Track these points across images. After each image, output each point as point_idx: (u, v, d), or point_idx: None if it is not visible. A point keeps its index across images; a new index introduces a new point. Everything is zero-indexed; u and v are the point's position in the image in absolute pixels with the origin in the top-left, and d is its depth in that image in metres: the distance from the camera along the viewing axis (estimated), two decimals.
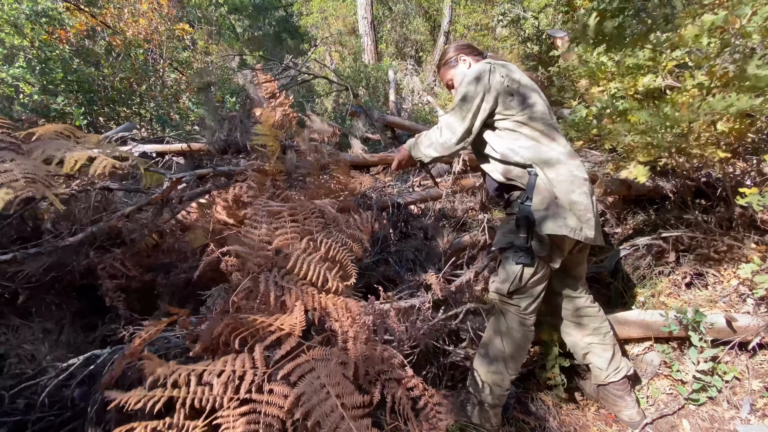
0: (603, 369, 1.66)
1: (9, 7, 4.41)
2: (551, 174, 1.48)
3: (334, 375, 0.96)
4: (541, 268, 1.51)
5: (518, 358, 1.59)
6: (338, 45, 9.73)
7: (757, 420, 1.62)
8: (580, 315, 1.69)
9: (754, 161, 2.24)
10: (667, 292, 2.16)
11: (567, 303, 1.70)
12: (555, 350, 1.82)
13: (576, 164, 1.53)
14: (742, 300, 1.95)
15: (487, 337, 1.63)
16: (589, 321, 1.68)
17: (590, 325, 1.68)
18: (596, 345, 1.67)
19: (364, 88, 6.56)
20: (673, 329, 1.79)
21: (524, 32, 5.06)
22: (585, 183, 1.51)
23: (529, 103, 1.53)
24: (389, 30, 9.72)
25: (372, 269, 2.22)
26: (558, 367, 1.80)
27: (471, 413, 1.59)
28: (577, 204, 1.46)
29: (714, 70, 1.77)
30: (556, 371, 1.80)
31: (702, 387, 1.72)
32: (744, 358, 1.78)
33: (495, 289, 1.58)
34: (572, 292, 1.69)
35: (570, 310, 1.70)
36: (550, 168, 1.48)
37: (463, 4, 8.98)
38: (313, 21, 10.52)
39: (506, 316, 1.58)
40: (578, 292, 1.70)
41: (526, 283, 1.50)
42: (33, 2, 4.46)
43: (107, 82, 4.56)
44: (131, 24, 5.10)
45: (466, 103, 1.55)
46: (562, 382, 1.80)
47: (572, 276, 1.69)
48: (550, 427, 1.66)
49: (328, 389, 0.92)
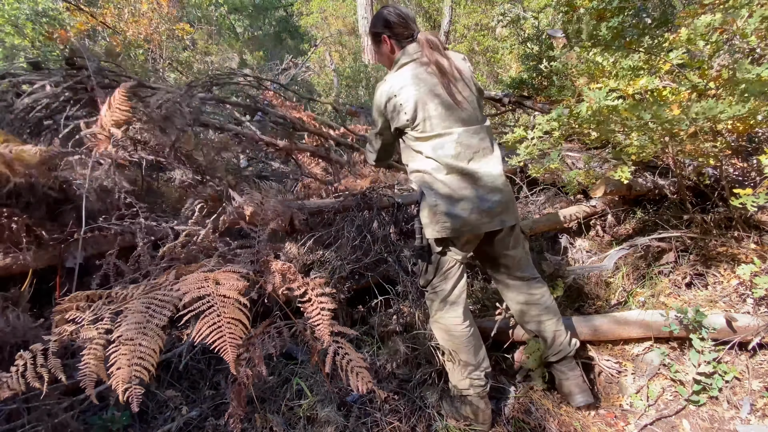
0: (544, 350, 1.76)
1: (10, 6, 4.41)
2: (438, 175, 1.52)
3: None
4: (443, 263, 1.59)
5: (461, 351, 1.62)
6: (338, 45, 9.73)
7: (757, 420, 1.62)
8: (522, 302, 1.72)
9: (754, 161, 2.24)
10: (667, 292, 2.16)
11: (510, 291, 1.73)
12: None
13: (460, 166, 1.49)
14: (742, 300, 1.95)
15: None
16: (529, 308, 1.72)
17: (530, 312, 1.72)
18: (537, 327, 1.73)
19: (364, 87, 6.55)
20: (673, 329, 1.79)
21: (524, 32, 5.06)
22: (469, 177, 1.50)
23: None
24: None
25: (372, 269, 2.22)
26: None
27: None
28: (452, 204, 1.50)
29: (707, 72, 1.78)
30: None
31: (702, 387, 1.72)
32: (744, 358, 1.78)
33: (418, 283, 1.72)
34: (510, 282, 1.72)
35: (516, 298, 1.73)
36: (435, 170, 1.52)
37: (463, 4, 8.98)
38: (313, 21, 10.51)
39: (431, 309, 1.68)
40: (515, 282, 1.71)
41: (432, 277, 1.62)
42: (33, 2, 4.46)
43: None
44: (131, 24, 5.10)
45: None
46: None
47: (503, 265, 1.70)
48: (549, 428, 1.66)
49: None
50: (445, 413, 1.68)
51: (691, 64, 1.85)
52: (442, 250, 1.59)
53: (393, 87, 1.50)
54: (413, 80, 1.49)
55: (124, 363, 1.06)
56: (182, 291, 1.21)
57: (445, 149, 1.49)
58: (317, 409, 1.69)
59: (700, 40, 1.73)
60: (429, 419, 1.66)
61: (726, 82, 1.72)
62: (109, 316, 1.19)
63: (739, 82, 1.57)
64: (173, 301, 1.19)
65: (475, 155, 1.52)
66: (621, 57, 1.98)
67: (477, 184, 1.51)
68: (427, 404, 1.71)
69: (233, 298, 1.20)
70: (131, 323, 1.13)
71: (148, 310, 1.17)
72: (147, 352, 1.09)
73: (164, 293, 1.23)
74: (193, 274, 1.30)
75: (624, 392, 1.84)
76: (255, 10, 11.60)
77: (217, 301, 1.18)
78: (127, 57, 4.80)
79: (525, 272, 1.71)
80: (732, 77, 1.64)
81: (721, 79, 1.75)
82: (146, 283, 1.33)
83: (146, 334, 1.11)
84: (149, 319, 1.14)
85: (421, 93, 1.48)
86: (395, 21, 1.54)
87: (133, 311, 1.16)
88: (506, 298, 1.78)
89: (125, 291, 1.29)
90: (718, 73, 1.76)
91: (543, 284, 1.74)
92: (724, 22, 1.63)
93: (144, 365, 1.07)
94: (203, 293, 1.19)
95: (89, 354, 1.12)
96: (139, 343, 1.09)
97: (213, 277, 1.27)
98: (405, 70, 1.52)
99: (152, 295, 1.22)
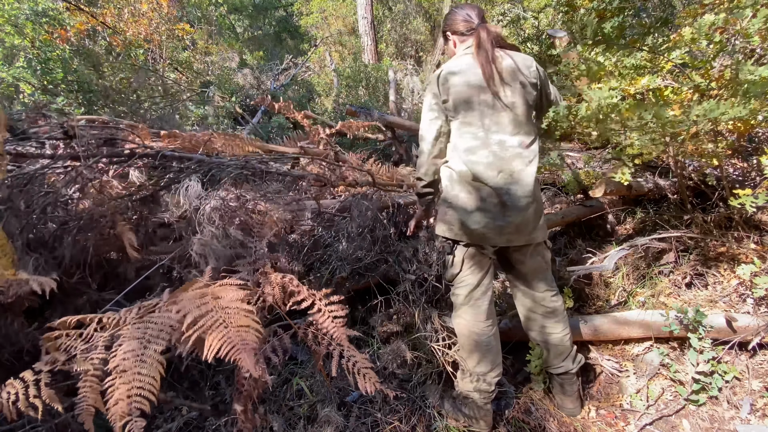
0: (546, 358, 1.75)
1: (10, 6, 4.41)
2: (451, 175, 1.55)
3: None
4: (470, 257, 1.59)
5: (479, 349, 1.61)
6: (338, 45, 9.73)
7: (757, 420, 1.62)
8: (533, 311, 1.70)
9: (754, 161, 2.24)
10: (667, 292, 2.16)
11: (522, 297, 1.72)
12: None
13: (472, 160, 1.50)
14: (742, 300, 1.95)
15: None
16: (539, 318, 1.69)
17: (538, 321, 1.70)
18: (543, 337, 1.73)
19: (364, 87, 6.55)
20: (673, 329, 1.79)
21: (524, 32, 5.06)
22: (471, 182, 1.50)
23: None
24: (389, 30, 9.71)
25: (372, 269, 2.22)
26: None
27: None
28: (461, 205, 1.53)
29: (710, 72, 1.77)
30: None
31: (702, 387, 1.72)
32: (744, 358, 1.79)
33: (444, 278, 1.73)
34: (524, 288, 1.70)
35: (525, 305, 1.72)
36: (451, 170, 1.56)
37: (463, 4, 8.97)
38: (313, 21, 10.51)
39: (455, 304, 1.68)
40: (528, 290, 1.68)
41: (458, 270, 1.61)
42: (33, 2, 4.46)
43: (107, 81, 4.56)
44: (131, 24, 5.10)
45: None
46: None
47: (520, 272, 1.67)
48: (549, 428, 1.67)
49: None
50: (445, 413, 1.68)
51: (694, 64, 1.84)
52: (468, 245, 1.59)
53: (442, 71, 1.54)
54: (459, 71, 1.52)
55: (122, 395, 1.01)
56: (181, 313, 1.15)
57: (477, 155, 1.49)
58: (317, 409, 1.69)
59: (703, 40, 1.72)
60: (429, 419, 1.66)
61: (728, 82, 1.72)
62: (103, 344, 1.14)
63: (742, 83, 1.56)
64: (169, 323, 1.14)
65: (505, 167, 1.48)
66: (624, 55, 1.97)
67: (496, 200, 1.49)
68: (427, 404, 1.71)
69: (237, 307, 1.16)
70: (127, 352, 1.08)
71: (144, 336, 1.12)
72: (147, 381, 1.04)
73: (160, 316, 1.18)
74: (188, 293, 1.25)
75: (624, 392, 1.84)
76: (255, 10, 11.60)
77: (221, 314, 1.14)
78: (127, 57, 4.80)
79: (542, 283, 1.66)
80: (734, 77, 1.64)
81: (723, 79, 1.75)
82: (139, 306, 1.27)
83: (144, 361, 1.06)
84: (146, 345, 1.10)
85: (462, 84, 1.50)
86: (459, 20, 1.60)
87: (128, 338, 1.11)
88: (518, 302, 1.76)
89: (118, 316, 1.23)
90: (721, 73, 1.75)
91: (559, 298, 1.69)
92: (727, 21, 1.63)
93: (144, 395, 1.02)
94: (204, 310, 1.15)
95: (85, 387, 1.08)
96: (138, 373, 1.05)
97: (210, 292, 1.23)
98: (457, 59, 1.57)
99: (147, 320, 1.17)
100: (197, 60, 6.39)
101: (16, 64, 4.34)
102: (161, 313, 1.19)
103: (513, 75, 1.51)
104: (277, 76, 7.72)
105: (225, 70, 6.66)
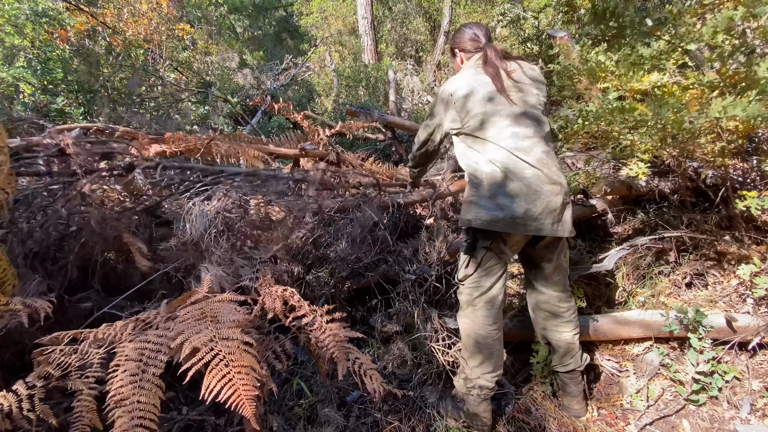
0: (553, 357, 1.76)
1: (10, 6, 4.41)
2: (486, 168, 1.55)
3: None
4: (487, 260, 1.57)
5: (482, 351, 1.61)
6: (338, 45, 9.73)
7: (757, 420, 1.62)
8: (545, 310, 1.72)
9: (755, 162, 2.23)
10: (667, 292, 2.16)
11: (538, 296, 1.72)
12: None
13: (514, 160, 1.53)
14: (742, 300, 1.95)
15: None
16: (551, 317, 1.71)
17: (550, 320, 1.71)
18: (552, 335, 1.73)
19: (364, 87, 6.55)
20: (673, 329, 1.79)
21: (524, 32, 5.06)
22: (520, 178, 1.52)
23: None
24: (389, 30, 9.71)
25: (372, 269, 2.22)
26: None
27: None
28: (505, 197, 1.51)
29: (725, 69, 1.74)
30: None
31: (702, 387, 1.72)
32: (744, 358, 1.78)
33: (456, 276, 1.71)
34: (542, 288, 1.71)
35: (541, 304, 1.72)
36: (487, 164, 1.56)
37: (463, 4, 8.97)
38: (313, 21, 10.50)
39: (462, 306, 1.67)
40: (548, 290, 1.69)
41: (473, 271, 1.60)
42: (33, 2, 4.46)
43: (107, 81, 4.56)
44: (131, 24, 5.10)
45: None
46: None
47: (542, 270, 1.68)
48: (549, 428, 1.66)
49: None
50: (444, 412, 1.68)
51: (711, 59, 1.80)
52: (490, 244, 1.57)
53: (451, 82, 1.66)
54: (470, 79, 1.62)
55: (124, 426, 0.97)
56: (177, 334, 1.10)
57: (499, 144, 1.54)
58: (317, 409, 1.69)
59: (720, 35, 1.68)
60: (429, 419, 1.66)
61: (743, 79, 1.69)
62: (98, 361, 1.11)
63: (759, 80, 1.54)
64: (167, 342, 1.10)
65: (526, 157, 1.53)
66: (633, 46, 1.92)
67: (535, 189, 1.51)
68: (427, 404, 1.71)
69: (238, 340, 1.11)
70: (125, 376, 1.03)
71: (141, 357, 1.07)
72: (147, 409, 1.00)
73: (157, 334, 1.14)
74: (186, 308, 1.21)
75: (624, 392, 1.84)
76: (255, 10, 11.60)
77: (221, 347, 1.08)
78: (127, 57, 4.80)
79: (560, 283, 1.70)
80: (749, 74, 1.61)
81: (738, 76, 1.72)
82: (135, 321, 1.22)
83: (143, 387, 1.03)
84: (144, 369, 1.06)
85: (474, 89, 1.59)
86: (466, 38, 1.74)
87: (125, 359, 1.07)
88: (533, 302, 1.76)
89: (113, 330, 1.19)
90: (736, 70, 1.72)
91: (571, 299, 1.73)
92: (745, 18, 1.60)
93: (146, 424, 0.99)
94: (204, 339, 1.10)
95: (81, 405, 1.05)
96: (137, 401, 1.01)
97: (209, 312, 1.18)
98: (465, 72, 1.68)
99: (144, 338, 1.13)
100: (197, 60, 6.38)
101: (16, 64, 4.34)
102: (159, 331, 1.15)
103: (522, 79, 1.63)
104: (277, 76, 7.72)
105: (225, 70, 6.66)
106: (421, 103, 6.95)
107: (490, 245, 1.56)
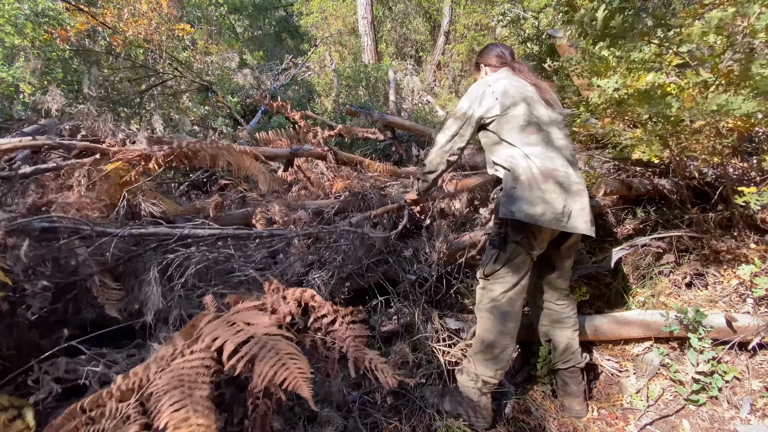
0: (554, 354, 1.77)
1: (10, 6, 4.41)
2: (523, 163, 1.56)
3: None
4: (516, 256, 1.57)
5: (490, 349, 1.62)
6: (338, 45, 9.72)
7: (757, 420, 1.63)
8: (548, 309, 1.76)
9: (754, 161, 2.23)
10: (667, 292, 2.16)
11: (545, 295, 1.77)
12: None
13: (550, 156, 1.57)
14: (742, 300, 1.95)
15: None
16: (552, 315, 1.75)
17: (551, 317, 1.75)
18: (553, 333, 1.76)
19: (364, 87, 6.55)
20: (673, 329, 1.79)
21: (524, 32, 5.06)
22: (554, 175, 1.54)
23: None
24: (389, 30, 9.71)
25: (372, 269, 2.22)
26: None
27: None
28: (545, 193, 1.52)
29: (718, 68, 1.75)
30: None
31: (702, 387, 1.72)
32: (744, 358, 1.79)
33: (478, 272, 1.69)
34: (547, 288, 1.76)
35: (548, 303, 1.76)
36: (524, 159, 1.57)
37: (463, 4, 8.96)
38: (313, 21, 10.50)
39: (482, 301, 1.66)
40: (553, 290, 1.75)
41: (500, 267, 1.59)
42: (33, 2, 4.46)
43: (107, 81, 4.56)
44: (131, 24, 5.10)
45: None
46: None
47: (557, 270, 1.72)
48: (549, 428, 1.66)
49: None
50: (445, 411, 1.68)
51: (704, 59, 1.82)
52: (521, 239, 1.56)
53: (488, 80, 1.70)
54: (505, 78, 1.68)
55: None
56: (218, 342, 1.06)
57: (533, 141, 1.58)
58: (317, 409, 1.69)
59: (711, 35, 1.71)
60: (429, 419, 1.66)
61: (737, 78, 1.71)
62: (134, 411, 1.01)
63: (753, 77, 1.56)
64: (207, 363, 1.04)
65: (559, 156, 1.58)
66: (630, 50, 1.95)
67: (568, 188, 1.54)
68: (427, 404, 1.71)
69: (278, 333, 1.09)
70: (172, 401, 0.95)
71: (182, 384, 1.00)
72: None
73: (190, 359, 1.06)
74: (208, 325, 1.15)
75: (624, 392, 1.84)
76: (255, 10, 11.60)
77: (266, 340, 1.06)
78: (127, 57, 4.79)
79: (567, 282, 1.76)
80: (745, 73, 1.63)
81: (733, 74, 1.73)
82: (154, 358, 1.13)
83: (197, 411, 0.95)
84: (190, 393, 0.98)
85: (512, 83, 1.65)
86: (493, 54, 1.82)
87: (164, 390, 0.99)
88: (538, 300, 1.79)
89: (134, 377, 1.08)
90: (729, 68, 1.74)
91: (572, 299, 1.79)
92: (734, 18, 1.61)
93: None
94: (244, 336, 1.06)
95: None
96: (197, 424, 0.92)
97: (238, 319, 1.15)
98: (498, 75, 1.73)
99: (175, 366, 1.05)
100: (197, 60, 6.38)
101: (16, 64, 4.33)
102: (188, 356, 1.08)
103: (549, 90, 1.73)
104: (277, 76, 7.72)
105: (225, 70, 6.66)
106: (421, 103, 6.95)
107: (521, 240, 1.56)
